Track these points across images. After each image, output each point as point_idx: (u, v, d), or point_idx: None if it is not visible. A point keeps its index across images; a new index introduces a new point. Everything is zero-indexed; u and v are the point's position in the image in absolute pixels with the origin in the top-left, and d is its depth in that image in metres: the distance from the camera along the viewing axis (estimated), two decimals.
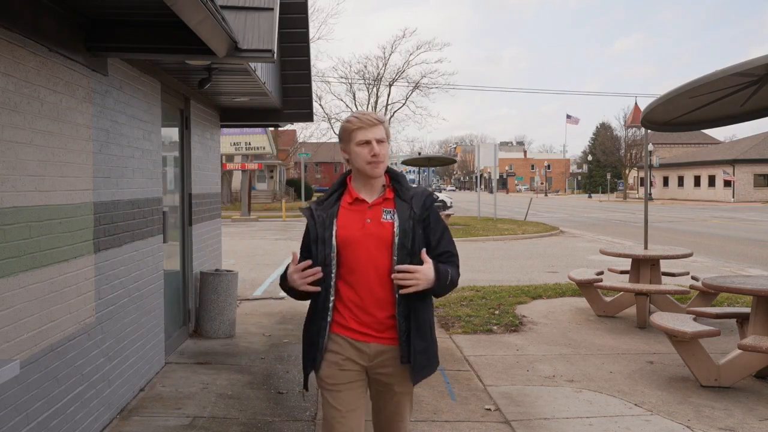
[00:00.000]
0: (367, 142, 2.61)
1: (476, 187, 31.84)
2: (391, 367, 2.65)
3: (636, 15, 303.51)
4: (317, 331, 2.64)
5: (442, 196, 36.04)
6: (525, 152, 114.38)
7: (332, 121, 43.77)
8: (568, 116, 78.52)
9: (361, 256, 2.60)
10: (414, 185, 2.95)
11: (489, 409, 4.73)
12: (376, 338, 2.62)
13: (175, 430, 4.30)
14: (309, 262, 2.59)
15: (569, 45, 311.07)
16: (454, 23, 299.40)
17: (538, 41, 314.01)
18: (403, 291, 2.53)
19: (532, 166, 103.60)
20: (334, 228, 2.63)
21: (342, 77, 50.84)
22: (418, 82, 44.48)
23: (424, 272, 2.52)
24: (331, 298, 2.62)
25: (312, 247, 2.65)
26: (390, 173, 2.74)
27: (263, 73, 6.03)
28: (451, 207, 28.95)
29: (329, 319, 2.63)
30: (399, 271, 2.52)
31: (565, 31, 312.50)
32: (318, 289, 2.59)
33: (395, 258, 2.58)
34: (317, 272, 2.57)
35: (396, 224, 2.61)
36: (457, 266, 2.71)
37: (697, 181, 56.30)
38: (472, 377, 5.51)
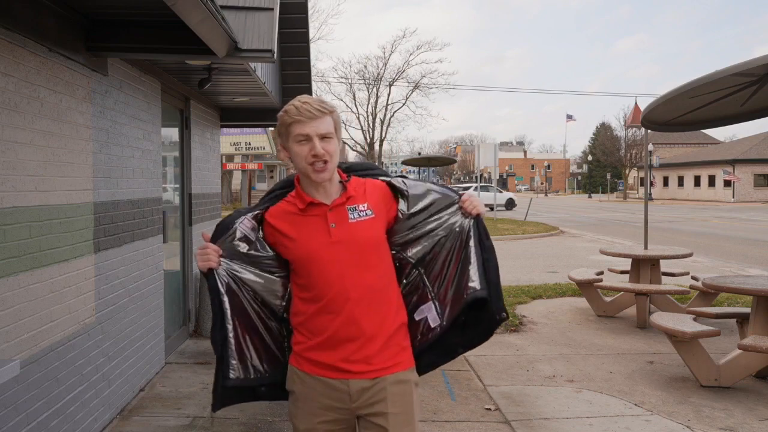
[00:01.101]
0: (307, 138, 2.08)
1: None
2: (383, 402, 2.11)
3: (639, 15, 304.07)
4: (222, 340, 2.17)
5: (511, 195, 38.72)
6: (525, 152, 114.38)
7: None
8: (568, 116, 78.61)
9: (332, 275, 2.09)
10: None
11: (489, 409, 4.73)
12: (357, 374, 2.10)
13: (175, 430, 4.30)
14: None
15: (573, 45, 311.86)
16: (459, 23, 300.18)
17: (542, 41, 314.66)
18: (475, 211, 2.23)
19: (532, 166, 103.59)
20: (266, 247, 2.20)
21: (342, 77, 50.94)
22: (418, 82, 44.52)
23: (470, 194, 2.28)
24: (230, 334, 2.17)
25: None
26: (344, 168, 2.27)
27: (263, 73, 6.03)
28: (516, 205, 29.51)
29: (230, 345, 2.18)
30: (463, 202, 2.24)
31: (569, 31, 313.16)
32: (214, 264, 2.14)
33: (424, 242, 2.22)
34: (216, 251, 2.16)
35: (375, 212, 2.17)
36: None
37: (697, 181, 56.29)
38: (472, 377, 5.51)
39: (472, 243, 2.23)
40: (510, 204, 37.19)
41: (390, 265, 2.23)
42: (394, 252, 2.26)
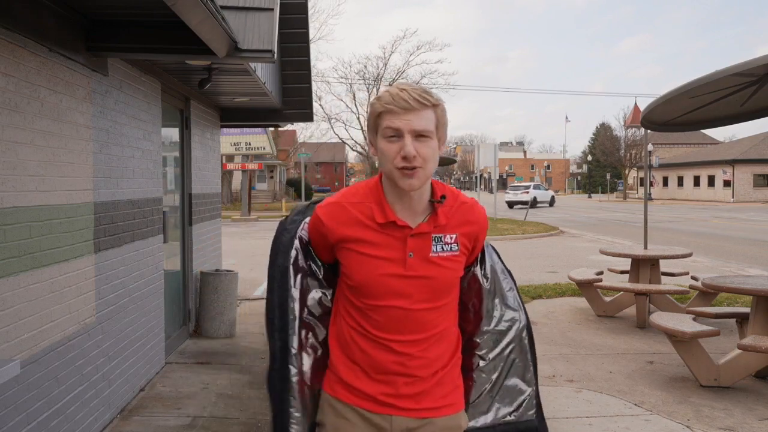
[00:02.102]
0: (397, 134, 1.68)
1: (476, 187, 31.87)
2: None
3: (641, 15, 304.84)
4: (282, 384, 1.82)
5: (552, 193, 44.11)
6: (525, 152, 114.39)
7: (332, 121, 43.93)
8: (567, 118, 78.66)
9: (396, 314, 1.75)
10: None
11: None
12: (404, 410, 1.78)
13: (175, 429, 4.31)
14: None
15: (575, 45, 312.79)
16: (462, 24, 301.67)
17: (545, 41, 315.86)
18: None
19: (532, 166, 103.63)
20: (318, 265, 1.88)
21: (342, 77, 50.96)
22: (418, 83, 44.56)
23: None
24: (293, 352, 1.82)
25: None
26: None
27: (263, 73, 6.03)
28: (556, 202, 33.48)
29: (293, 372, 1.81)
30: None
31: (572, 31, 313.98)
32: None
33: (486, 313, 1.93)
34: None
35: (461, 247, 1.81)
36: None
37: (696, 181, 56.31)
38: None
39: (529, 353, 2.00)
40: (552, 201, 42.54)
41: (456, 303, 1.91)
42: None
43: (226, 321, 6.75)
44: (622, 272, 8.76)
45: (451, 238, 1.78)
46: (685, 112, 6.21)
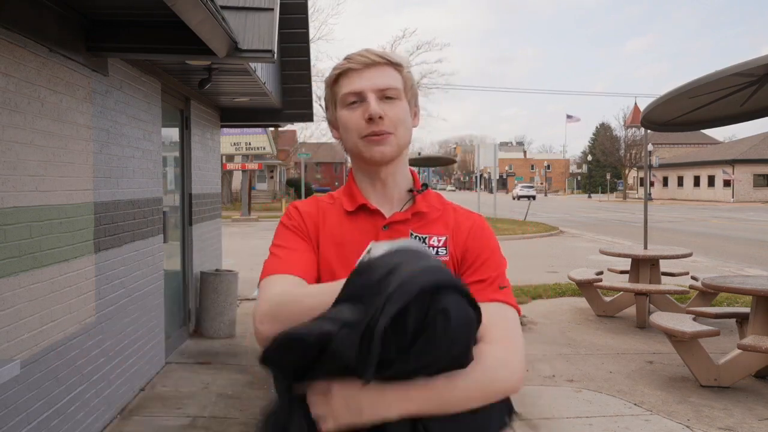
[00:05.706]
0: (359, 97, 1.37)
1: (476, 187, 31.88)
2: None
3: (645, 16, 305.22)
4: None
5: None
6: (525, 152, 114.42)
7: None
8: (569, 116, 78.59)
9: None
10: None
11: None
12: None
13: (175, 429, 4.31)
14: None
15: (580, 46, 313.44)
16: (468, 24, 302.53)
17: (550, 41, 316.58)
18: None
19: (532, 166, 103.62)
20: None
21: None
22: (418, 83, 44.62)
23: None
24: None
25: None
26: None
27: (263, 73, 6.03)
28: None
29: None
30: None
31: (575, 31, 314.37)
32: None
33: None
34: None
35: (450, 252, 1.39)
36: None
37: (696, 181, 56.31)
38: None
39: None
40: (534, 196, 55.54)
41: None
42: None
43: (226, 321, 6.75)
44: (622, 272, 8.75)
45: (439, 239, 1.40)
46: (685, 112, 6.22)
